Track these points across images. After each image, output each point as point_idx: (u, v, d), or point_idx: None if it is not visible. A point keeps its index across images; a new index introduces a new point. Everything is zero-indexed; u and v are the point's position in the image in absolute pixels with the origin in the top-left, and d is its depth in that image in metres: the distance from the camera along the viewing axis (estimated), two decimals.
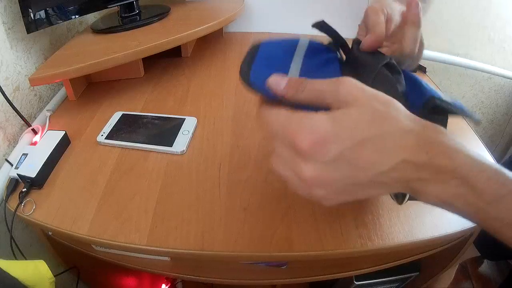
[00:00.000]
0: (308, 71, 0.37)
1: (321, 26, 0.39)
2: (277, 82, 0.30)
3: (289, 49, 0.39)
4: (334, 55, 0.39)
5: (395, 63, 0.36)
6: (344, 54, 0.41)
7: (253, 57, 0.37)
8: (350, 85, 0.26)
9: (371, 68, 0.35)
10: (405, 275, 0.68)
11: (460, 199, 0.24)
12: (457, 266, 0.85)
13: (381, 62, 0.35)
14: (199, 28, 0.69)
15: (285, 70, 0.37)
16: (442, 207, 0.26)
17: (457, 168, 0.24)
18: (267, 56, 0.38)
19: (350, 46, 0.41)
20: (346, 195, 0.27)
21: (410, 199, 0.38)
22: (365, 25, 0.40)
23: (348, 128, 0.25)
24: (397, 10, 0.40)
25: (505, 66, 1.11)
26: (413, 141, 0.25)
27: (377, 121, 0.25)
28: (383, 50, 0.39)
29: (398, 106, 0.26)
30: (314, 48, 0.39)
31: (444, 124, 0.32)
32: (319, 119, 0.25)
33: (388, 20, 0.39)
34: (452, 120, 0.34)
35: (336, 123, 0.25)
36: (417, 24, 0.37)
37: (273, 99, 0.32)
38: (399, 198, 0.41)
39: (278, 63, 0.37)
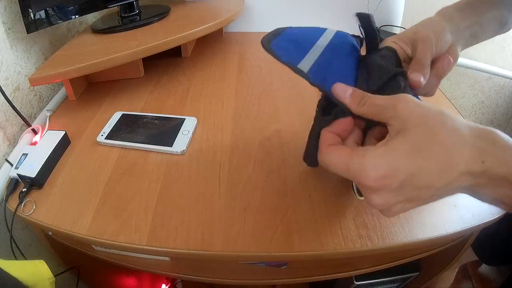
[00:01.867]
0: (329, 56, 0.38)
1: (364, 18, 0.40)
2: (344, 89, 0.32)
3: (314, 34, 0.41)
4: (357, 48, 0.40)
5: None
6: (367, 51, 0.41)
7: (277, 34, 0.39)
8: (408, 101, 0.28)
9: (385, 71, 0.36)
10: (405, 275, 0.68)
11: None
12: (457, 269, 0.85)
13: (396, 71, 0.36)
14: (199, 28, 0.69)
15: (306, 49, 0.38)
16: (495, 205, 0.28)
17: (510, 173, 0.25)
18: (291, 35, 0.40)
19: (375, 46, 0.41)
20: (413, 206, 0.29)
21: None
22: (413, 50, 0.39)
23: (405, 157, 0.27)
24: (447, 40, 0.39)
25: (505, 66, 1.11)
26: (469, 153, 0.26)
27: (432, 141, 0.26)
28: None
29: (451, 119, 0.27)
30: (340, 37, 0.41)
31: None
32: (377, 155, 0.27)
33: (434, 59, 0.38)
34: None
35: (393, 155, 0.27)
36: (441, 76, 0.38)
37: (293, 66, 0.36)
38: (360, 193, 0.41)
39: (301, 41, 0.39)
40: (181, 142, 0.54)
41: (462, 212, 0.45)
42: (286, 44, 0.38)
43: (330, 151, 0.31)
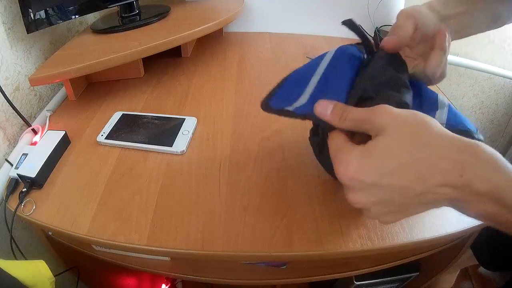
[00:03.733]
0: (329, 73, 0.38)
1: (349, 24, 0.39)
2: (325, 107, 0.32)
3: (315, 63, 0.41)
4: (359, 55, 0.39)
5: (404, 79, 0.36)
6: (368, 55, 0.41)
7: (273, 93, 0.40)
8: (383, 112, 0.28)
9: (382, 73, 0.35)
10: (405, 275, 0.68)
11: (498, 217, 0.25)
12: (458, 272, 0.85)
13: (395, 73, 0.36)
14: (199, 28, 0.69)
15: (305, 83, 0.39)
16: (482, 221, 0.27)
17: (493, 190, 0.24)
18: (287, 86, 0.40)
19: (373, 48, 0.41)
20: (398, 214, 0.29)
21: None
22: (392, 26, 0.40)
23: (378, 159, 0.27)
24: (431, 22, 0.40)
25: (505, 66, 1.11)
26: (446, 164, 0.25)
27: (408, 147, 0.26)
28: (406, 60, 0.39)
29: (432, 127, 0.27)
30: (340, 52, 0.41)
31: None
32: (354, 155, 0.28)
33: (417, 28, 0.39)
34: None
35: (367, 156, 0.27)
36: (443, 49, 0.37)
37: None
38: None
39: (302, 79, 0.40)
40: (181, 142, 0.54)
41: None
42: (284, 97, 0.39)
43: (334, 136, 0.32)
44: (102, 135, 0.56)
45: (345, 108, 0.31)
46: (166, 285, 0.83)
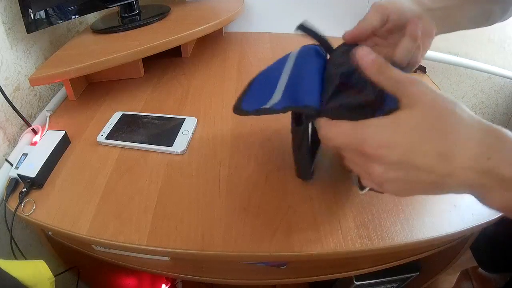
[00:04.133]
0: (297, 70, 0.41)
1: (304, 28, 0.42)
2: (366, 53, 0.31)
3: (280, 65, 0.44)
4: (322, 53, 0.42)
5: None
6: (328, 53, 0.44)
7: (242, 97, 0.42)
8: (419, 86, 0.28)
9: (343, 69, 0.37)
10: (405, 275, 0.68)
11: None
12: (458, 273, 0.85)
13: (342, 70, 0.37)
14: (199, 28, 0.69)
15: (276, 81, 0.41)
16: (505, 213, 0.27)
17: None
18: (256, 88, 0.43)
19: (333, 46, 0.43)
20: (414, 190, 0.29)
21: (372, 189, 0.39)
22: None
23: (408, 132, 0.27)
24: (408, 12, 0.40)
25: (505, 66, 1.11)
26: (474, 146, 0.25)
27: (437, 126, 0.26)
28: (376, 49, 0.40)
29: (462, 110, 0.27)
30: (305, 50, 0.43)
31: None
32: (382, 124, 0.28)
33: (389, 20, 0.40)
34: None
35: (397, 127, 0.27)
36: (413, 38, 0.37)
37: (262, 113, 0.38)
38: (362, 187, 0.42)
39: (269, 81, 0.42)
40: (181, 142, 0.54)
41: (462, 212, 0.45)
42: (255, 99, 0.41)
43: (332, 124, 0.31)
44: (102, 135, 0.56)
45: (386, 63, 0.30)
46: (166, 285, 0.83)
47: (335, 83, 0.36)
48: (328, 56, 0.43)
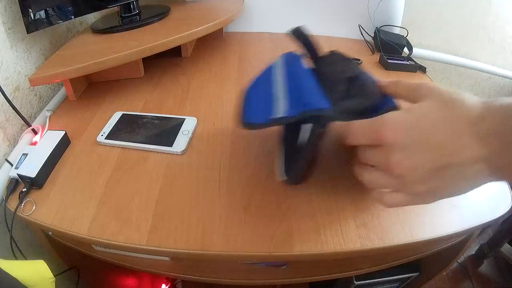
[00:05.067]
0: (292, 78, 0.42)
1: (298, 34, 0.45)
2: (379, 81, 0.39)
3: (267, 76, 0.45)
4: (304, 62, 0.44)
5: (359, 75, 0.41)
6: (314, 60, 0.47)
7: (243, 111, 0.43)
8: (426, 84, 0.34)
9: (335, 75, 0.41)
10: (405, 275, 0.68)
11: None
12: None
13: (344, 74, 0.41)
14: (199, 28, 0.69)
15: (270, 91, 0.42)
16: None
17: None
18: (252, 100, 0.44)
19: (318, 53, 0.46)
20: (438, 180, 0.30)
21: None
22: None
23: (423, 116, 0.30)
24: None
25: (505, 66, 1.11)
26: (470, 140, 0.28)
27: (444, 108, 0.30)
28: None
29: (468, 98, 0.30)
30: (290, 59, 0.45)
31: None
32: (397, 114, 0.31)
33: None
34: None
35: (411, 113, 0.31)
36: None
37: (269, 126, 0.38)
38: None
39: (263, 92, 0.43)
40: (181, 142, 0.54)
41: (462, 212, 0.45)
42: (258, 111, 0.41)
43: (354, 122, 0.35)
44: (102, 135, 0.56)
45: (399, 80, 0.37)
46: (166, 285, 0.83)
47: (340, 88, 0.39)
48: (311, 64, 0.46)
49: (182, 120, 0.59)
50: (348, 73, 0.40)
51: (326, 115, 0.36)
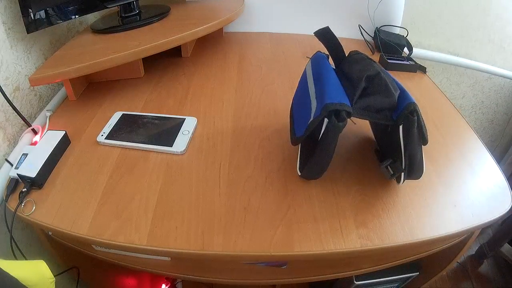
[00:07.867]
0: (318, 79, 0.45)
1: (322, 35, 0.47)
2: None
3: (303, 84, 0.49)
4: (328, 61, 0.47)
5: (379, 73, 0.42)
6: (337, 62, 0.49)
7: (291, 122, 0.49)
8: None
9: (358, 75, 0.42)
10: (405, 275, 0.68)
11: None
12: None
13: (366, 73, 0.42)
14: (199, 28, 0.69)
15: (306, 101, 0.45)
16: None
17: None
18: (295, 109, 0.50)
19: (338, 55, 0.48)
20: None
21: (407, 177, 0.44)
22: None
23: None
24: None
25: (505, 66, 1.11)
26: None
27: None
28: None
29: None
30: (316, 60, 0.48)
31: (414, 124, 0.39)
32: None
33: None
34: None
35: None
36: None
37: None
38: (397, 177, 0.45)
39: (303, 103, 0.46)
40: (181, 142, 0.54)
41: (462, 212, 0.45)
42: (298, 123, 0.45)
43: None
44: (102, 135, 0.56)
45: None
46: (166, 285, 0.83)
47: (360, 86, 0.41)
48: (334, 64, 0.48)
49: (182, 120, 0.59)
50: (368, 72, 0.42)
51: (345, 110, 0.37)
